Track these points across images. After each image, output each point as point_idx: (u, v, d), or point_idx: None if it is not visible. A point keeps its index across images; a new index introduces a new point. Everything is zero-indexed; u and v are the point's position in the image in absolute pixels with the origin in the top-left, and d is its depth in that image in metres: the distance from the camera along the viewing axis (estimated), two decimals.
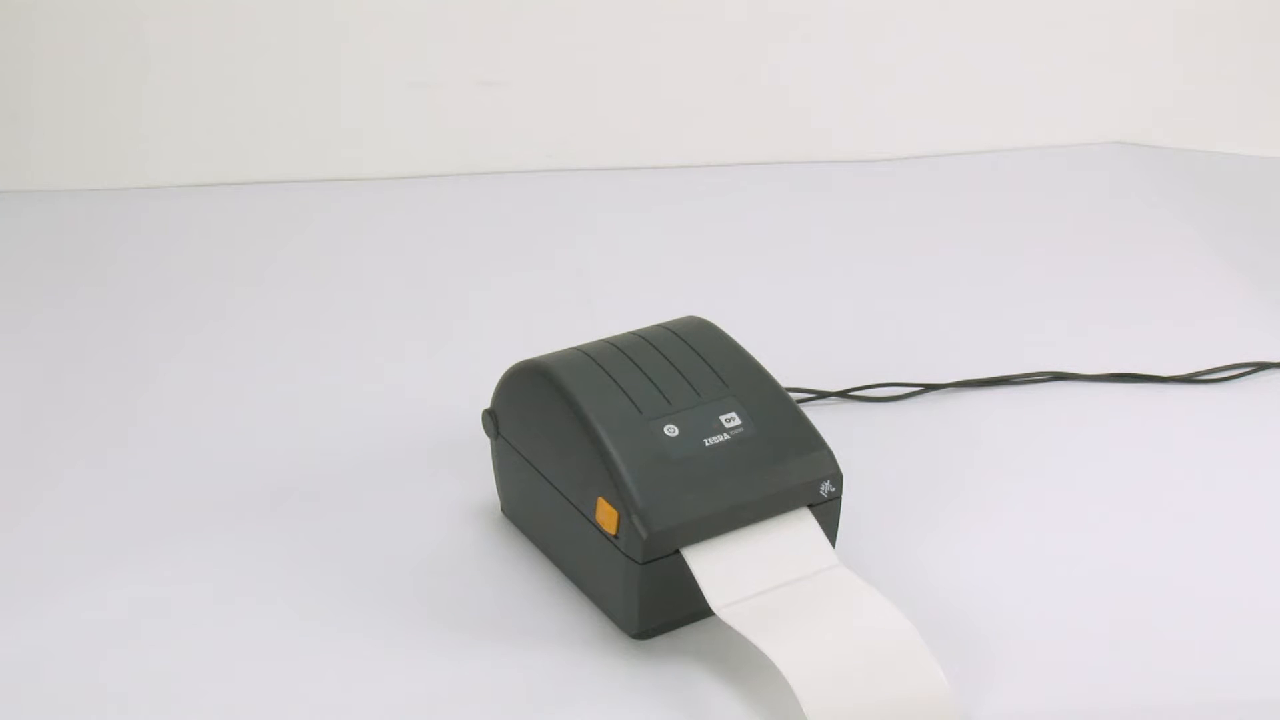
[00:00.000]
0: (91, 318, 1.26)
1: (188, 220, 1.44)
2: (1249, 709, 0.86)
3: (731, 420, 0.91)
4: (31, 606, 0.92)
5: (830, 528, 0.93)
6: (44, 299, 1.29)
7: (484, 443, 1.00)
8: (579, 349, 0.95)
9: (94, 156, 1.49)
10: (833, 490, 0.92)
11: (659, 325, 0.98)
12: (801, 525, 0.90)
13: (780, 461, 0.90)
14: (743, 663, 0.87)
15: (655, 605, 0.88)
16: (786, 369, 1.01)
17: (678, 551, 0.87)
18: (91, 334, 1.23)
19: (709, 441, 0.90)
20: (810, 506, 0.91)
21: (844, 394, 1.16)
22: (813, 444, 0.91)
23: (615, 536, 0.87)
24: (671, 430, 0.90)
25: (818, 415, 1.09)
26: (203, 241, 1.40)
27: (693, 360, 0.94)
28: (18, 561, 0.96)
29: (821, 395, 1.15)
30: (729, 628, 0.85)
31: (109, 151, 1.50)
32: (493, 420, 0.97)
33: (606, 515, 0.87)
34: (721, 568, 0.87)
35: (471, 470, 1.04)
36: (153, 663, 0.88)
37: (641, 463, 0.87)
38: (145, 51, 1.47)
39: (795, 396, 1.08)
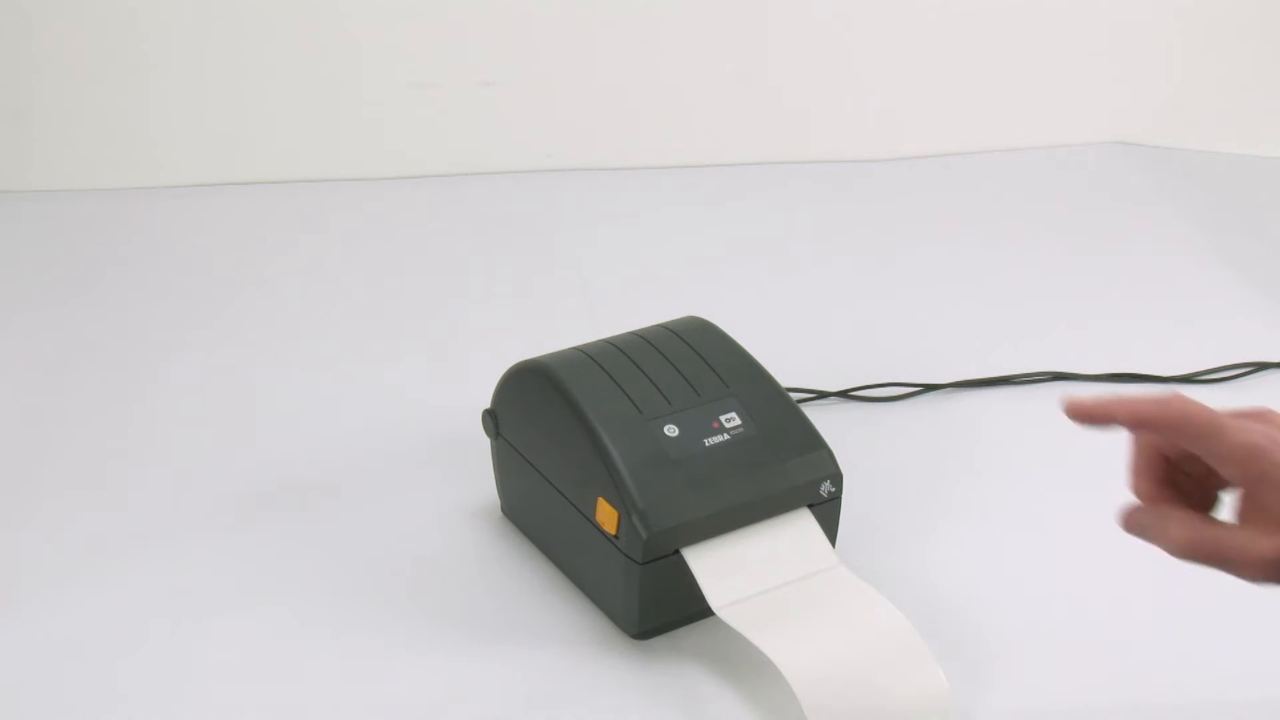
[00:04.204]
0: (92, 317, 1.26)
1: (188, 220, 1.44)
2: (1248, 708, 0.86)
3: (731, 420, 0.91)
4: (31, 607, 0.92)
5: (830, 528, 0.93)
6: (44, 299, 1.29)
7: (484, 443, 1.00)
8: (579, 349, 0.95)
9: (95, 156, 1.50)
10: (833, 490, 0.92)
11: (659, 325, 0.98)
12: (801, 525, 0.90)
13: (780, 461, 0.90)
14: (743, 663, 0.87)
15: (655, 605, 0.88)
16: (786, 369, 1.01)
17: (678, 551, 0.87)
18: (92, 334, 1.23)
19: (709, 441, 0.90)
20: (810, 506, 0.91)
21: (844, 394, 1.16)
22: (813, 444, 0.91)
23: (615, 536, 0.87)
24: (671, 430, 0.90)
25: (818, 415, 1.09)
26: (203, 241, 1.40)
27: (693, 360, 0.94)
28: (18, 561, 0.96)
29: (821, 395, 1.15)
30: (729, 628, 0.85)
31: (110, 151, 1.50)
32: (493, 420, 0.97)
33: (606, 515, 0.87)
34: (721, 568, 0.87)
35: (471, 470, 1.04)
36: (153, 662, 0.88)
37: (641, 463, 0.87)
38: (146, 52, 1.47)
39: (795, 396, 1.08)
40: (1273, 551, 0.63)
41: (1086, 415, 0.70)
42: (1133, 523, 0.70)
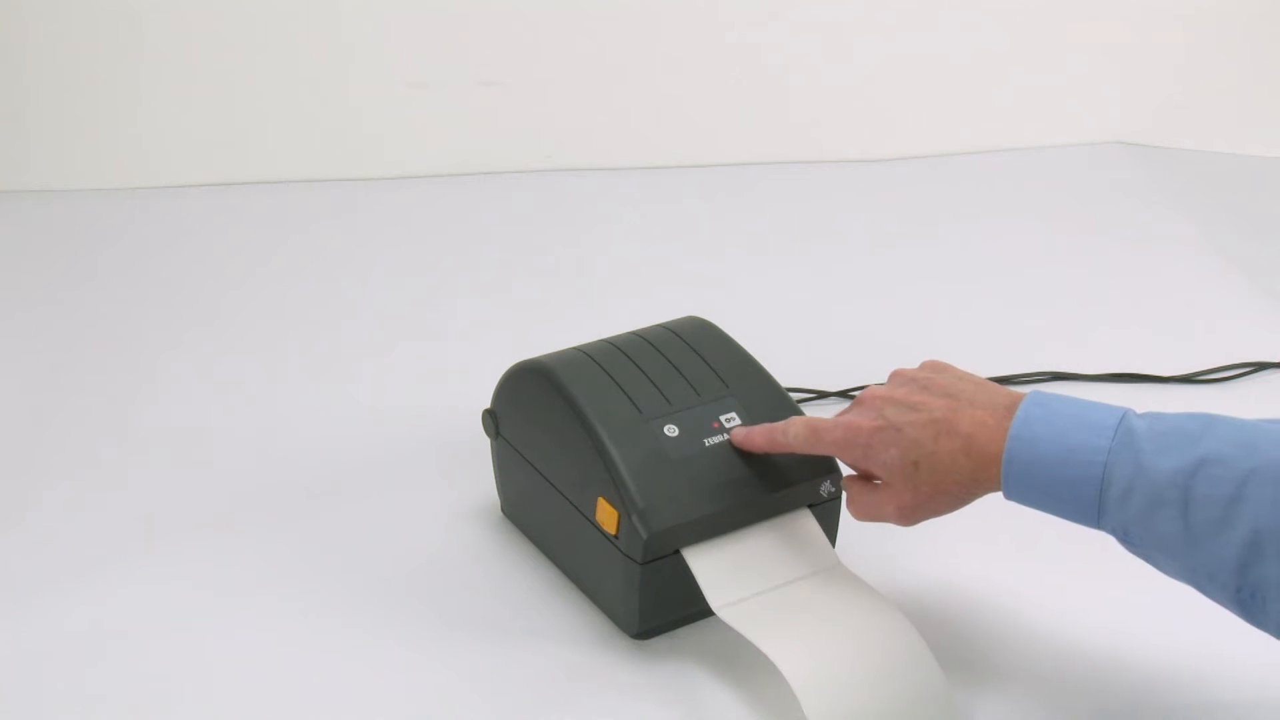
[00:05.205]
0: (89, 317, 1.26)
1: (187, 220, 1.44)
2: (1248, 708, 0.86)
3: (731, 420, 0.91)
4: (31, 607, 0.92)
5: (830, 528, 0.93)
6: (44, 299, 1.29)
7: (484, 443, 1.00)
8: (579, 349, 0.95)
9: (93, 156, 1.50)
10: (833, 490, 0.92)
11: (659, 325, 0.98)
12: (801, 525, 0.90)
13: (780, 461, 0.90)
14: (743, 663, 0.87)
15: (655, 605, 0.88)
16: (786, 369, 1.01)
17: (678, 551, 0.87)
18: (91, 334, 1.23)
19: (709, 441, 0.90)
20: (810, 506, 0.91)
21: (844, 394, 1.16)
22: None
23: (615, 536, 0.87)
24: (671, 430, 0.90)
25: (818, 415, 1.08)
26: (202, 241, 1.40)
27: (693, 360, 0.94)
28: (18, 561, 0.96)
29: (821, 395, 1.15)
30: (729, 628, 0.85)
31: (109, 151, 1.50)
32: (493, 420, 0.97)
33: (606, 515, 0.87)
34: (721, 568, 0.87)
35: (471, 470, 1.04)
36: (154, 662, 0.88)
37: (641, 463, 0.87)
38: (145, 51, 1.47)
39: (795, 396, 1.08)
40: (893, 506, 0.83)
41: (740, 444, 0.89)
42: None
